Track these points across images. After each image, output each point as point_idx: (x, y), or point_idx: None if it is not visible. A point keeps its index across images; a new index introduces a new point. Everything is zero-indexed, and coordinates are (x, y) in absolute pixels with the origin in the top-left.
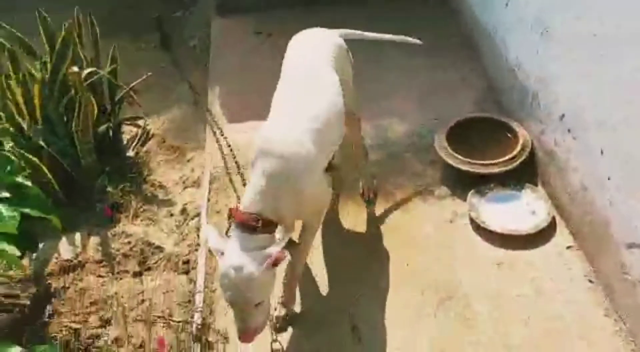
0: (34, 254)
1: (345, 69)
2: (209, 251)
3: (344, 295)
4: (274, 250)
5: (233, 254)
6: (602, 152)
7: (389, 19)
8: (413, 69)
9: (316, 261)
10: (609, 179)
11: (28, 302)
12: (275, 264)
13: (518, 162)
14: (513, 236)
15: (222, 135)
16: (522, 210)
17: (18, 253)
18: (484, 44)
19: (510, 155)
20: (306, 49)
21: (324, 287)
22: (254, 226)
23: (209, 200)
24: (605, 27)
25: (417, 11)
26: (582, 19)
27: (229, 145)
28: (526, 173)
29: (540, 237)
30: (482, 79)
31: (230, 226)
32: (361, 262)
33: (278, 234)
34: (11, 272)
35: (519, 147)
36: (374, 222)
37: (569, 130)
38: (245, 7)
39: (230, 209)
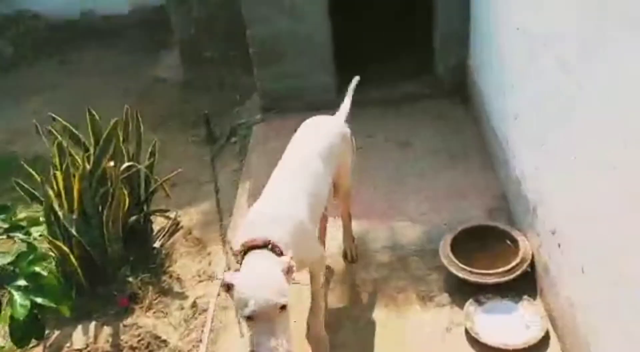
0: (49, 342)
1: (342, 155)
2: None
3: None
4: (285, 258)
5: (250, 265)
6: (582, 270)
7: (422, 121)
8: (434, 171)
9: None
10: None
11: None
12: (288, 271)
13: (515, 275)
14: (503, 349)
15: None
16: (518, 323)
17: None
18: (498, 153)
19: (508, 267)
20: (306, 137)
21: None
22: (265, 243)
23: (218, 295)
24: (596, 153)
25: (449, 114)
26: (577, 140)
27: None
28: (527, 285)
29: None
30: (496, 187)
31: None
32: None
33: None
34: None
35: (518, 259)
36: (371, 325)
37: (559, 245)
38: (289, 108)
39: (241, 246)
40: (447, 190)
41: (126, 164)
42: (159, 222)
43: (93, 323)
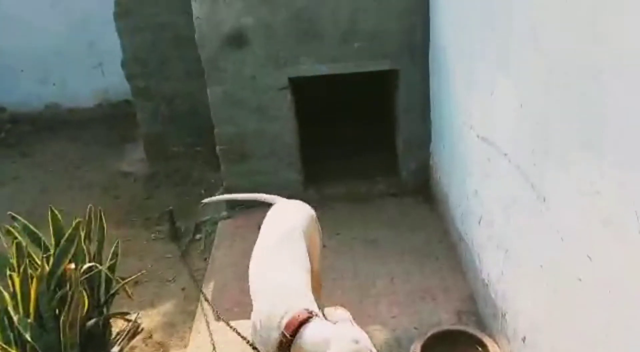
0: None
1: (314, 235)
2: None
3: None
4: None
5: (335, 336)
6: None
7: (388, 220)
8: (402, 270)
9: None
10: None
11: None
12: None
13: None
14: None
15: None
16: None
17: None
18: (464, 253)
19: None
20: (282, 218)
21: None
22: (310, 313)
23: None
24: (561, 263)
25: (414, 213)
26: (542, 249)
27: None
28: None
29: None
30: (465, 288)
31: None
32: None
33: None
34: None
35: None
36: None
37: None
38: (254, 205)
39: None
40: (416, 291)
41: (87, 265)
42: (118, 325)
43: None
